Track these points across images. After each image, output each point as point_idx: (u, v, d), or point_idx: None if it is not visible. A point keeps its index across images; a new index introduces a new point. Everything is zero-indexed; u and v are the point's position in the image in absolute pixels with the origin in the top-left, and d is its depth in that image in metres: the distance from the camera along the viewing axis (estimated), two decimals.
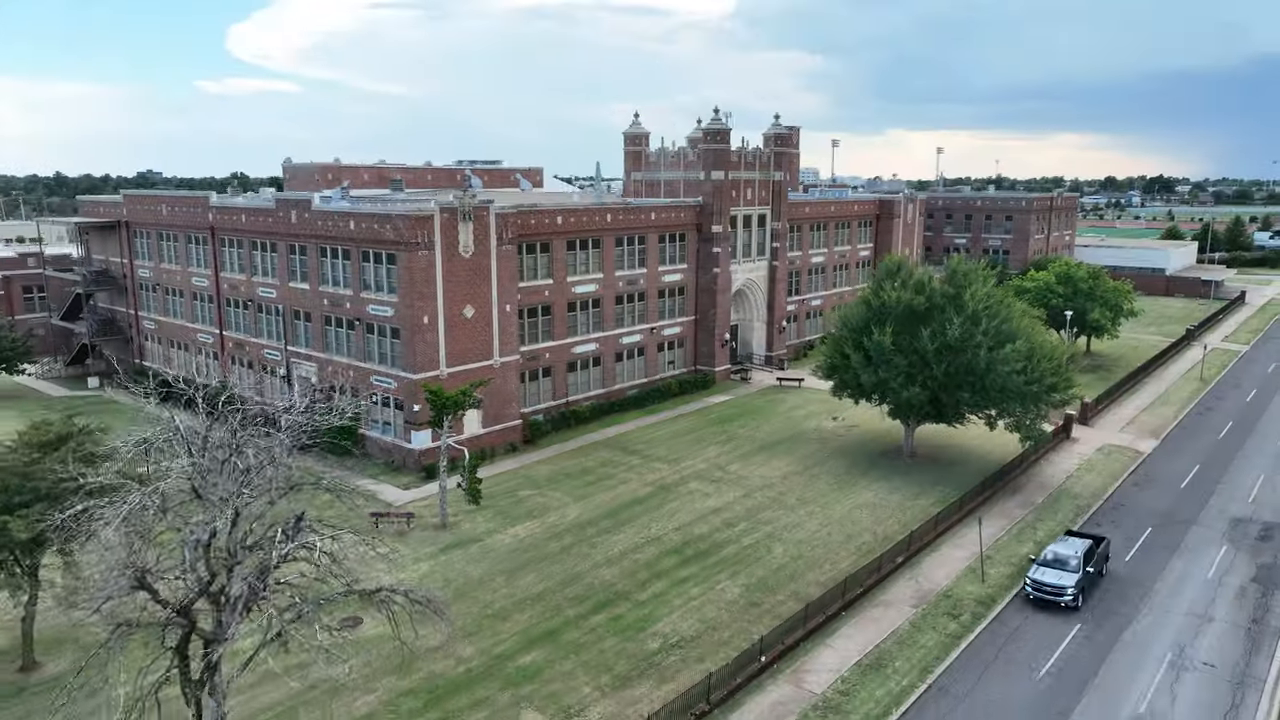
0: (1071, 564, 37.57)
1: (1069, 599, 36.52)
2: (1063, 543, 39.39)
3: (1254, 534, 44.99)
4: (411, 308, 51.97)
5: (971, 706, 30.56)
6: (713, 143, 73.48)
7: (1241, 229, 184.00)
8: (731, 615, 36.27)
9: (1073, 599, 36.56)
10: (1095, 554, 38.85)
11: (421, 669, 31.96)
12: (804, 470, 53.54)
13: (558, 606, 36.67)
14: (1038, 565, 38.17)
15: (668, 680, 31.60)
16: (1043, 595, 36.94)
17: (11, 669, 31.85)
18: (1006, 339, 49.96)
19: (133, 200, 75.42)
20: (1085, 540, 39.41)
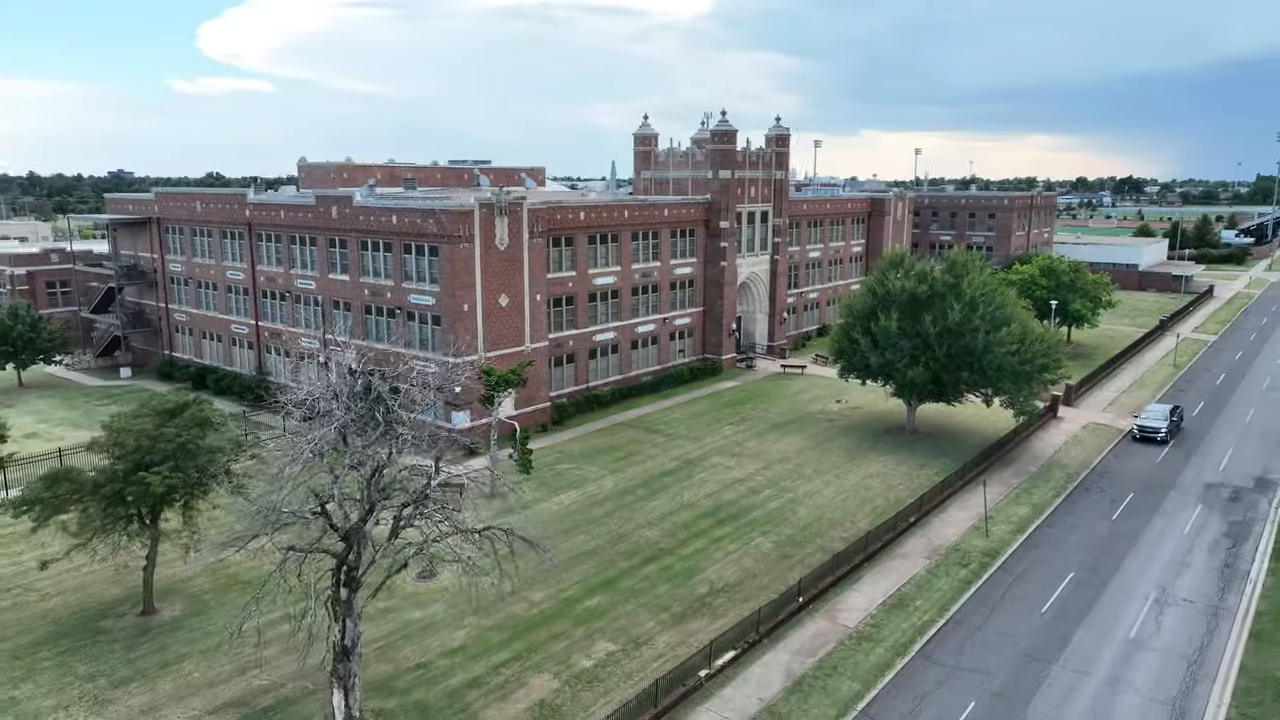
0: (1160, 416, 60.20)
1: (1162, 435, 58.87)
2: (1153, 409, 62.09)
3: (1225, 496, 50.01)
4: (453, 296, 55.86)
5: (986, 635, 35.07)
6: (720, 143, 77.89)
7: (1209, 227, 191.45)
8: (767, 566, 40.61)
9: (1165, 436, 58.99)
10: (1175, 413, 61.43)
11: (500, 610, 35.98)
12: (816, 446, 58.02)
13: (611, 560, 40.80)
14: (1140, 420, 60.90)
15: (719, 617, 35.87)
16: (1146, 435, 59.30)
17: (134, 613, 35.48)
18: (1002, 323, 54.75)
19: (165, 198, 78.51)
20: (1167, 406, 61.95)
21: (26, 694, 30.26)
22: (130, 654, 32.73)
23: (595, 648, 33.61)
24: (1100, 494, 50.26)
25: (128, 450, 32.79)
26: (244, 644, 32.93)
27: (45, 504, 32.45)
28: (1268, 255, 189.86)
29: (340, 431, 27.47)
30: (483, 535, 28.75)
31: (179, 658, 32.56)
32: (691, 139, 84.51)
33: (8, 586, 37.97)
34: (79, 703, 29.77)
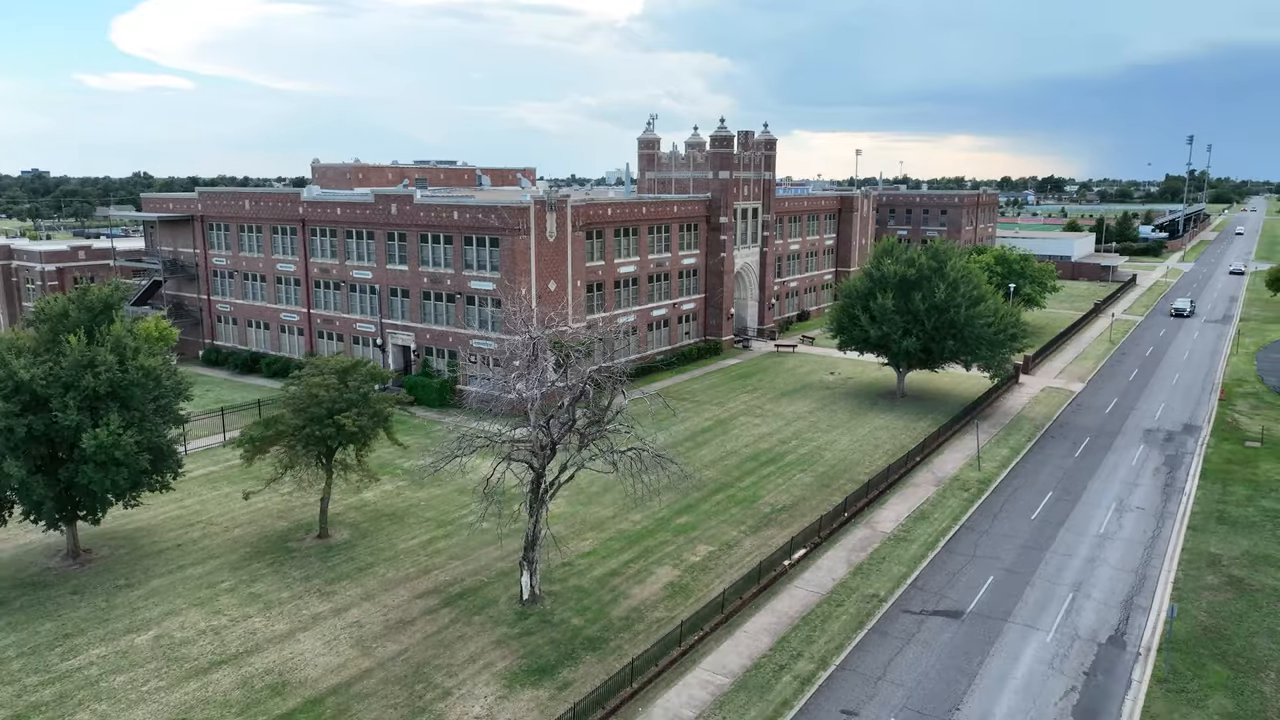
0: (1188, 301, 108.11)
1: (1189, 313, 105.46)
2: (1181, 297, 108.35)
3: (1160, 438, 61.34)
4: (512, 281, 64.02)
5: (992, 535, 45.03)
6: (719, 147, 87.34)
7: (1130, 223, 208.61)
8: (811, 493, 50.07)
9: (1190, 313, 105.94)
10: (1193, 303, 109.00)
11: (610, 528, 44.61)
12: (823, 408, 67.82)
13: (684, 492, 49.61)
14: (1174, 305, 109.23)
15: (785, 527, 45.12)
16: (1179, 315, 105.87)
17: (311, 538, 43.07)
18: (979, 300, 65.30)
19: (209, 197, 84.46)
20: (1190, 297, 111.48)
21: (262, 590, 37.85)
22: (327, 564, 40.48)
23: (697, 549, 42.59)
24: (1063, 439, 61.13)
25: (321, 400, 40.48)
26: (420, 553, 41.18)
27: (258, 441, 40.00)
28: (1180, 248, 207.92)
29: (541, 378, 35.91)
30: (635, 452, 37.34)
31: (368, 565, 40.43)
32: (686, 143, 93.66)
33: (194, 520, 45.09)
34: (307, 594, 37.51)
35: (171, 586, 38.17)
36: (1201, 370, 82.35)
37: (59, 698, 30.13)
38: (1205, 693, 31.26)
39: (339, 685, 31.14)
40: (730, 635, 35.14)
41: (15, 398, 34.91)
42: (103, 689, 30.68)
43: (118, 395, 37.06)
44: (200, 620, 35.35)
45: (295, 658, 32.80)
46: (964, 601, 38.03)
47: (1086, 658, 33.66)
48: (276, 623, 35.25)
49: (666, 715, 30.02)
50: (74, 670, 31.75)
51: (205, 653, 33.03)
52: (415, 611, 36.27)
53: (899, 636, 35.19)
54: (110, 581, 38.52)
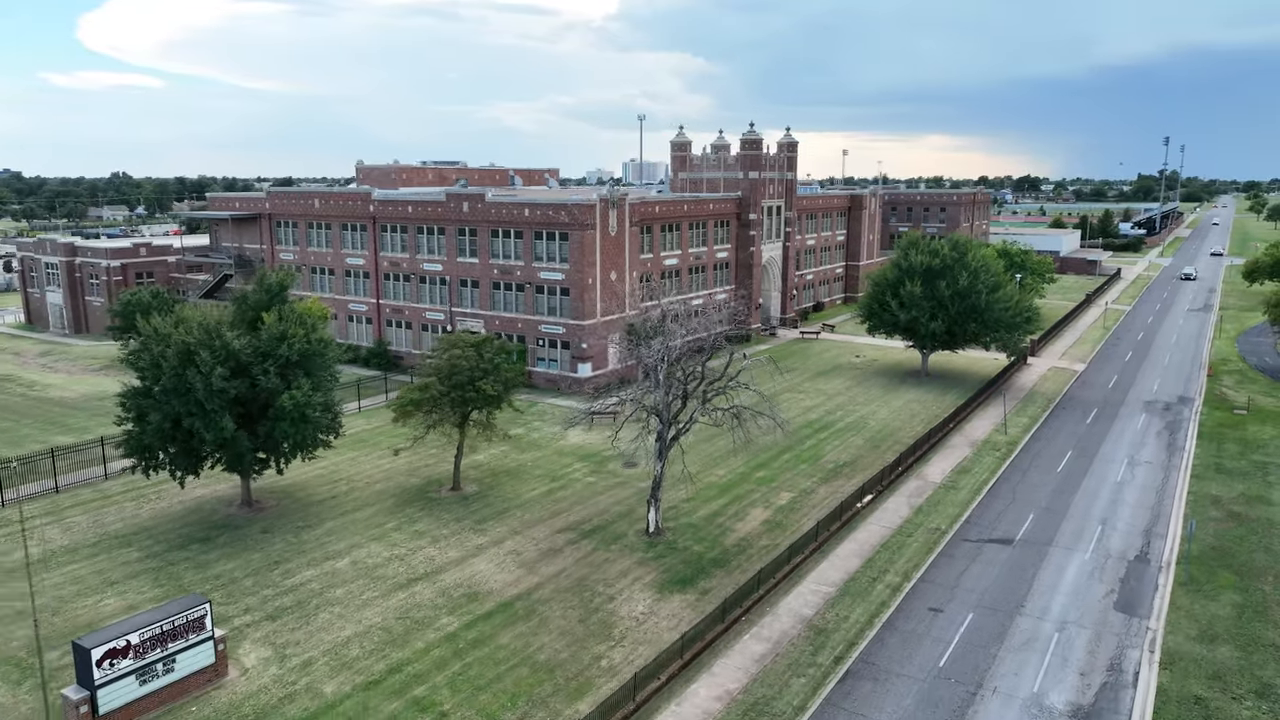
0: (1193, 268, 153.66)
1: (1195, 278, 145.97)
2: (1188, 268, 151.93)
3: (1159, 408, 69.33)
4: (581, 272, 70.90)
5: (1026, 485, 52.52)
6: (749, 150, 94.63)
7: (1111, 220, 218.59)
8: (865, 452, 57.42)
9: (1195, 277, 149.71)
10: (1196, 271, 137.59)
11: (701, 480, 51.63)
12: (857, 385, 75.28)
13: (754, 454, 56.78)
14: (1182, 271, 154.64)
15: (850, 479, 52.40)
16: (1187, 278, 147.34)
17: (446, 490, 49.78)
18: (997, 287, 73.02)
19: (277, 196, 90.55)
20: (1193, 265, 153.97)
21: (424, 528, 44.57)
22: (469, 509, 47.24)
23: (780, 495, 49.79)
24: (1074, 409, 68.96)
25: (462, 369, 47.22)
26: (544, 501, 48.10)
27: (414, 405, 46.73)
28: (1158, 244, 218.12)
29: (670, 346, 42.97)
30: (743, 408, 44.36)
31: (504, 510, 47.24)
32: (710, 145, 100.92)
33: (336, 478, 51.63)
34: (464, 531, 44.27)
35: (344, 527, 44.80)
36: (1189, 352, 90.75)
37: (297, 604, 36.78)
38: (1217, 591, 38.86)
39: (520, 594, 38.00)
40: (825, 558, 42.33)
41: (227, 364, 41.39)
42: (328, 598, 37.36)
43: (302, 364, 43.64)
44: (383, 550, 42.04)
45: (475, 576, 39.60)
46: (1012, 532, 45.50)
47: (1119, 570, 41.18)
48: (448, 551, 42.03)
49: (790, 612, 37.16)
50: (297, 586, 38.38)
51: (399, 573, 39.76)
52: (560, 542, 43.17)
53: (963, 558, 42.54)
54: (289, 524, 45.08)
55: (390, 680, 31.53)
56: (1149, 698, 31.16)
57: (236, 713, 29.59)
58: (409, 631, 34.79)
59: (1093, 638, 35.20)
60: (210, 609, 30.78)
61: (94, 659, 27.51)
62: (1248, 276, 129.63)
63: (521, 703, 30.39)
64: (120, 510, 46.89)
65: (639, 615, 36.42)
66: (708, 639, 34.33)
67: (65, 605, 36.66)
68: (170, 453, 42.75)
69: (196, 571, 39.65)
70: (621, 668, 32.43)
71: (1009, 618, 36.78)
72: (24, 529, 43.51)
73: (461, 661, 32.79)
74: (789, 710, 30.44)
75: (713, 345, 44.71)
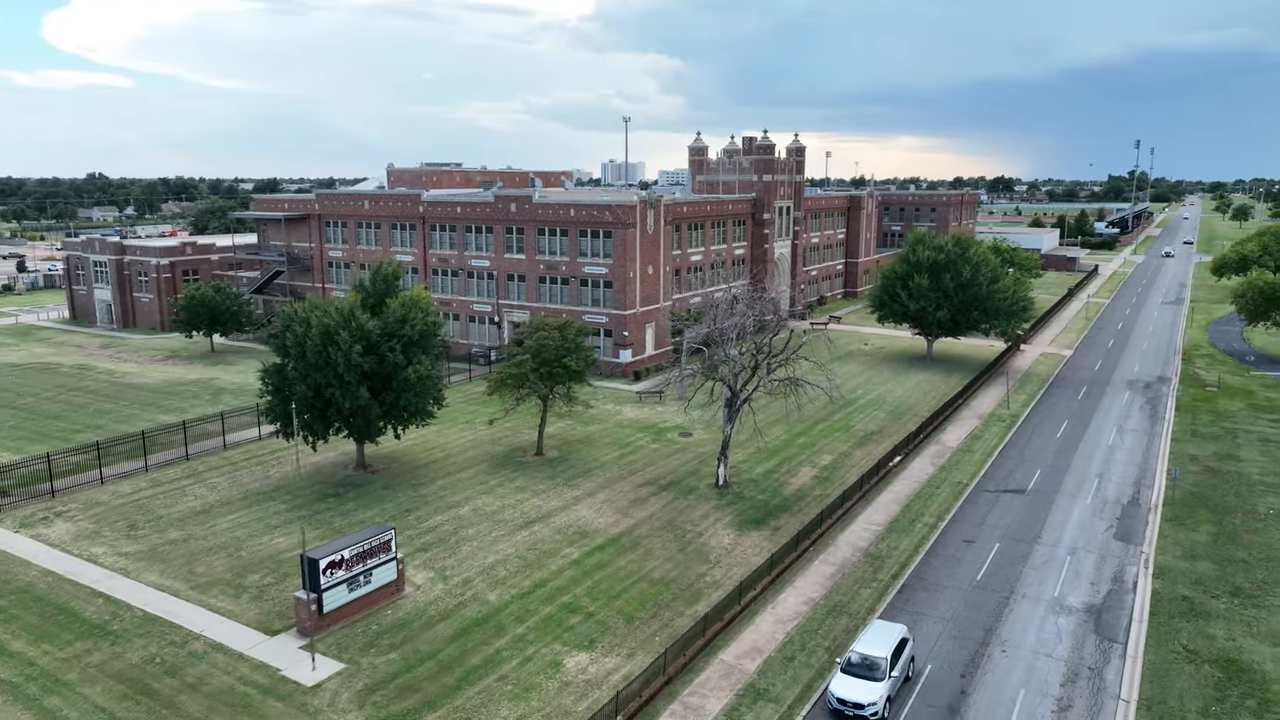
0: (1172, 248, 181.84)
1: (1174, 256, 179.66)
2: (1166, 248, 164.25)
3: (1141, 386, 77.82)
4: (623, 266, 78.19)
5: (1031, 448, 60.49)
6: (762, 154, 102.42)
7: (1087, 220, 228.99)
8: (889, 423, 65.21)
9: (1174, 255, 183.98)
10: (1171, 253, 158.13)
11: (750, 446, 59.07)
12: (870, 368, 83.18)
13: (793, 424, 64.29)
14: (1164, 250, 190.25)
15: (879, 444, 60.11)
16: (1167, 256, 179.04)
17: (530, 455, 56.88)
18: (996, 279, 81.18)
19: (326, 198, 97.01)
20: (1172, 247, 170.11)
21: (523, 484, 51.67)
22: (556, 470, 54.40)
23: (822, 457, 57.43)
24: (1066, 388, 77.27)
25: (548, 348, 54.38)
26: (618, 463, 55.34)
27: (512, 378, 53.84)
28: (1131, 242, 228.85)
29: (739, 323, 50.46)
30: (801, 379, 51.84)
31: (586, 470, 54.44)
32: (723, 150, 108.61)
33: (429, 447, 58.56)
34: (557, 486, 51.42)
35: (453, 485, 51.83)
36: (1164, 339, 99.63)
37: (439, 540, 43.83)
38: (1197, 525, 46.93)
39: (621, 532, 45.28)
40: (869, 505, 49.97)
41: (360, 343, 48.27)
42: (463, 535, 44.44)
43: (419, 342, 50.61)
44: (494, 501, 49.14)
45: (579, 519, 46.83)
46: (1024, 484, 53.42)
47: (1116, 510, 49.18)
48: (550, 501, 49.21)
49: (848, 544, 44.72)
50: (433, 528, 45.40)
51: (515, 518, 46.89)
52: (644, 494, 50.50)
53: (985, 504, 50.35)
54: (405, 482, 52.03)
55: (538, 592, 38.74)
56: (1146, 598, 39.04)
57: (424, 615, 36.67)
58: (541, 558, 41.98)
59: (1098, 559, 43.07)
60: (394, 535, 37.83)
61: (321, 567, 34.48)
62: (1216, 272, 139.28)
63: (650, 605, 37.73)
64: (251, 474, 53.60)
65: (726, 546, 43.84)
66: (787, 562, 41.81)
67: (245, 543, 43.47)
68: (306, 419, 49.55)
69: (341, 519, 46.56)
70: (723, 582, 39.84)
71: (1029, 546, 44.60)
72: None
73: (591, 579, 40.04)
74: (863, 610, 37.99)
75: (776, 325, 52.27)
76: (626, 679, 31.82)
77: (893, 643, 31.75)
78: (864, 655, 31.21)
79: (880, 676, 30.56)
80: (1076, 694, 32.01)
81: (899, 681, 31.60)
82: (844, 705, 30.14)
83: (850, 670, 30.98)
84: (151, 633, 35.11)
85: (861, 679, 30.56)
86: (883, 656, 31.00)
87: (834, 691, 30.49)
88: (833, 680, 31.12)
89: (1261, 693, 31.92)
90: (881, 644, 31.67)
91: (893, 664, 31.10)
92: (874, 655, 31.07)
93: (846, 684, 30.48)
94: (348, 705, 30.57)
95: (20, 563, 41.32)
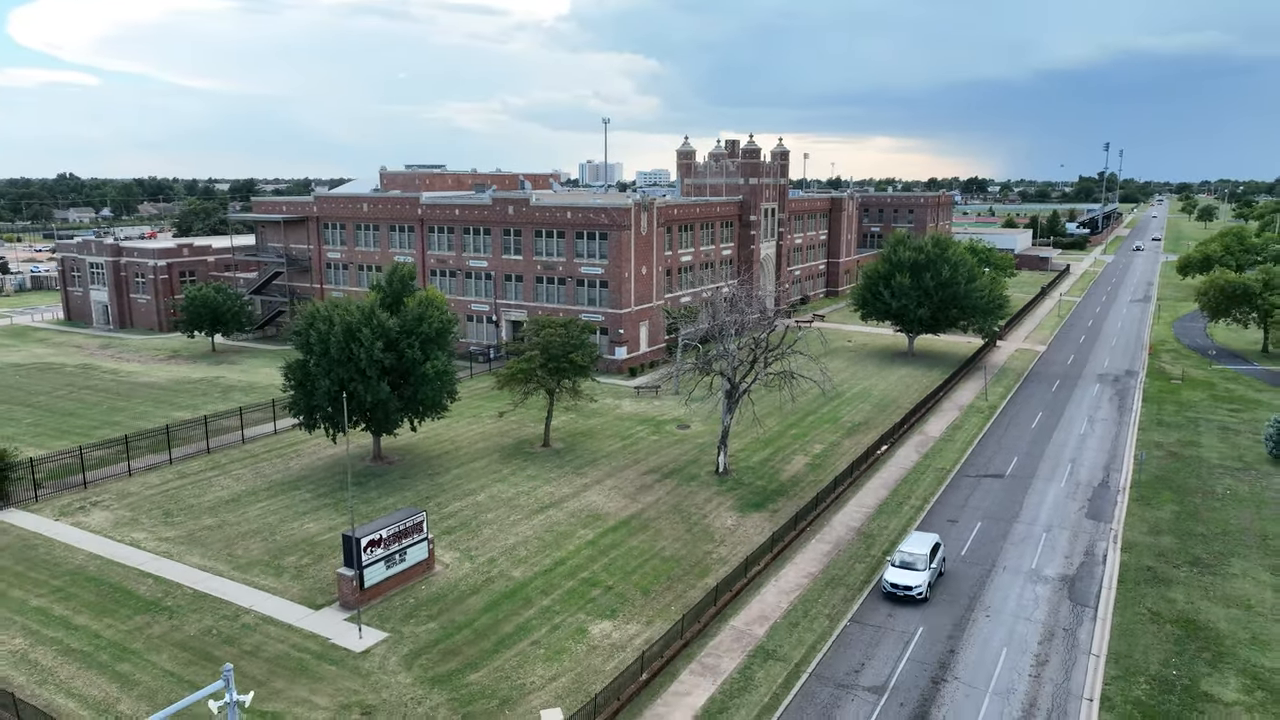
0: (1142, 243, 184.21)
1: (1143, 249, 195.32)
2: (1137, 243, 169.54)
3: (1110, 379, 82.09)
4: (618, 267, 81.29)
5: (1009, 437, 64.31)
6: (749, 158, 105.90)
7: (1058, 220, 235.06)
8: (875, 414, 68.81)
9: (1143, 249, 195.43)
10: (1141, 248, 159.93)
11: (746, 436, 62.35)
12: (855, 364, 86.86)
13: (785, 416, 67.70)
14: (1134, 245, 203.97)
15: (866, 434, 63.65)
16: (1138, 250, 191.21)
17: (538, 446, 59.83)
18: (974, 278, 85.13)
19: (325, 200, 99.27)
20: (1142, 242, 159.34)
21: (534, 473, 54.63)
22: (563, 459, 57.39)
23: (814, 446, 60.86)
24: (1040, 382, 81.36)
25: (555, 344, 57.37)
26: (622, 453, 58.43)
27: (521, 373, 56.76)
28: (1101, 242, 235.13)
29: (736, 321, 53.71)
30: (794, 372, 55.23)
31: (592, 460, 57.48)
32: (710, 153, 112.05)
33: (440, 439, 61.34)
34: (566, 475, 54.43)
35: (467, 474, 54.69)
36: (1132, 335, 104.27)
37: (461, 524, 46.72)
38: (1161, 504, 50.83)
39: (632, 515, 48.39)
40: (859, 490, 53.43)
41: (381, 339, 51.01)
42: (483, 520, 47.35)
43: (436, 339, 53.42)
44: (508, 489, 52.08)
45: (590, 504, 49.89)
46: (1003, 469, 57.15)
47: (1088, 492, 52.99)
48: (561, 488, 52.23)
49: (842, 524, 48.13)
50: (454, 513, 48.28)
51: (529, 503, 49.86)
52: (649, 481, 53.65)
53: (966, 488, 53.98)
54: (422, 472, 54.82)
55: (559, 569, 41.78)
56: (1114, 568, 42.75)
57: (455, 590, 39.59)
58: (558, 539, 45.02)
59: (1071, 535, 46.78)
60: (425, 516, 40.70)
61: (362, 545, 37.30)
62: (1181, 271, 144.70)
63: (663, 580, 40.89)
64: (272, 465, 56.16)
65: (729, 526, 47.10)
66: (787, 540, 45.13)
67: (277, 528, 46.13)
68: (329, 412, 52.18)
69: (366, 505, 49.30)
70: (729, 558, 43.09)
71: (1008, 525, 48.24)
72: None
73: (607, 557, 43.13)
74: (858, 582, 41.37)
75: (771, 321, 55.64)
76: (648, 642, 34.95)
77: (929, 545, 41.07)
78: (909, 553, 40.56)
79: (922, 568, 39.83)
80: (1053, 650, 35.55)
81: (935, 572, 40.76)
82: (896, 588, 39.32)
83: (900, 565, 40.16)
84: (204, 608, 37.77)
85: (908, 570, 39.84)
86: (923, 554, 40.38)
87: (888, 579, 39.70)
88: (886, 572, 40.27)
89: (1215, 647, 35.62)
90: (921, 546, 40.96)
91: (930, 559, 40.32)
92: (917, 553, 40.47)
93: (897, 574, 39.72)
94: (396, 667, 33.47)
95: (65, 547, 43.75)
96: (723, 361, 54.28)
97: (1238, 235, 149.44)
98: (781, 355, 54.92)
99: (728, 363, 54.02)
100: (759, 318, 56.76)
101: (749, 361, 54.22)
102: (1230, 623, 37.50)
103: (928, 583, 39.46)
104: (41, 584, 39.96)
